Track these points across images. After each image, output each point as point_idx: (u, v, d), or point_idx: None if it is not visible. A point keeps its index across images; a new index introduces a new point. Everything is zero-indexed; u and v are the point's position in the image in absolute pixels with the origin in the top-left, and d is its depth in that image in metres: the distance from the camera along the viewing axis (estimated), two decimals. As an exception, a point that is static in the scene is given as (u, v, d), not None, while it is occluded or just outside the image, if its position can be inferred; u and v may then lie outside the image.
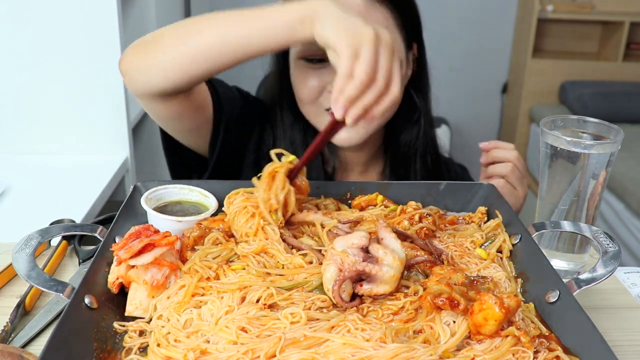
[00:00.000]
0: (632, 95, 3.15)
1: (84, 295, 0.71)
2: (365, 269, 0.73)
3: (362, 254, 0.75)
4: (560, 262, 0.97)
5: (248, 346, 0.66)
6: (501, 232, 0.92)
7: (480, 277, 0.81)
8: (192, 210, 0.94)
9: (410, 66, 1.22)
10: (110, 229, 0.84)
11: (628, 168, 2.50)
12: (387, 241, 0.77)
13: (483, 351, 0.67)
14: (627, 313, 0.84)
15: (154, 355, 0.67)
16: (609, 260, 0.78)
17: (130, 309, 0.73)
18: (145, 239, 0.77)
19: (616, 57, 3.32)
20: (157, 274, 0.76)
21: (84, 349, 0.67)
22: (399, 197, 1.01)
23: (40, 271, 0.72)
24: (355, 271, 0.73)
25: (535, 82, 3.36)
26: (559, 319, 0.72)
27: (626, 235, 2.35)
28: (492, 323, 0.69)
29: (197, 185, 0.97)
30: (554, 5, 3.23)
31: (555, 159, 0.94)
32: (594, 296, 0.86)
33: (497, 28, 3.52)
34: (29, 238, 0.77)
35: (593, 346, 0.66)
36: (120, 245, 0.78)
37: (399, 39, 1.12)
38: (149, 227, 0.82)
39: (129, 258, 0.75)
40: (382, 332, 0.68)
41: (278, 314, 0.70)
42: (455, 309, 0.71)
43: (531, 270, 0.82)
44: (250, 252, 0.82)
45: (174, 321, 0.70)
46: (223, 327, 0.68)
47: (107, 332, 0.71)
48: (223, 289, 0.74)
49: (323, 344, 0.67)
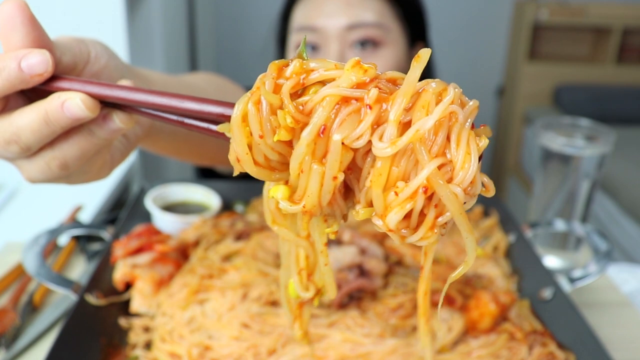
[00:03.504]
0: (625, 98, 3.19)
1: (91, 292, 0.73)
2: (362, 285, 0.75)
3: (356, 270, 0.76)
4: (554, 260, 0.99)
5: (250, 342, 0.67)
6: (497, 231, 0.93)
7: (476, 275, 0.83)
8: (196, 210, 0.96)
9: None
10: (116, 229, 0.86)
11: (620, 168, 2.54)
12: (371, 250, 0.80)
13: (479, 346, 0.69)
14: (619, 309, 0.86)
15: (158, 350, 0.68)
16: (601, 259, 0.80)
17: (136, 306, 0.75)
18: (143, 239, 0.79)
19: (609, 61, 3.35)
20: (162, 271, 0.77)
21: (91, 345, 0.68)
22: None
23: (48, 269, 0.74)
24: (354, 289, 0.75)
25: (530, 85, 3.39)
26: (552, 316, 0.74)
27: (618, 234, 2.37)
28: (488, 319, 0.71)
29: (200, 185, 0.99)
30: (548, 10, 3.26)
31: (549, 160, 0.96)
32: (586, 293, 0.88)
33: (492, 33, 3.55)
34: (38, 237, 0.79)
35: (585, 341, 0.67)
36: (120, 243, 0.80)
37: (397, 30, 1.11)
38: (151, 228, 0.84)
39: (125, 256, 0.77)
40: (381, 328, 0.69)
41: (279, 311, 0.72)
42: (452, 305, 0.73)
43: (526, 268, 0.84)
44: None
45: (178, 318, 0.71)
46: (226, 323, 0.70)
47: (113, 328, 0.72)
48: (225, 287, 0.75)
49: (323, 339, 0.68)
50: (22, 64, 0.45)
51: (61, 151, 0.49)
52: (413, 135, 0.36)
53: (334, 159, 0.37)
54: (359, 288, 0.75)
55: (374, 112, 0.37)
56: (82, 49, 0.51)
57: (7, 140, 0.47)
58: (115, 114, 0.49)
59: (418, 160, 0.37)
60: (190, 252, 0.84)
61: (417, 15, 1.17)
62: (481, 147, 0.37)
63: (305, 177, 0.39)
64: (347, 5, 1.05)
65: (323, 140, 0.37)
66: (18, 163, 0.51)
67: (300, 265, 0.48)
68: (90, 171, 0.54)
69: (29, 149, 0.48)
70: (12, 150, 0.48)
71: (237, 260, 0.81)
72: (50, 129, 0.46)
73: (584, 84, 3.34)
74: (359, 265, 0.77)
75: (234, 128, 0.40)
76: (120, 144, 0.58)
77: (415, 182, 0.36)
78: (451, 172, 0.37)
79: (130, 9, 1.58)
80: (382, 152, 0.36)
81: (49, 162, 0.49)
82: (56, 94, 0.46)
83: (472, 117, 0.37)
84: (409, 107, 0.37)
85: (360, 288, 0.75)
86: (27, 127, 0.46)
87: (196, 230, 0.87)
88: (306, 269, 0.48)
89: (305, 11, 1.08)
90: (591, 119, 1.04)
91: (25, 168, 0.51)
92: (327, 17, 1.04)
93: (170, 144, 0.75)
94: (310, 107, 0.38)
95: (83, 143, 0.49)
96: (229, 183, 1.02)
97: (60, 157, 0.49)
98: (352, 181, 0.40)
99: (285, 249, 0.49)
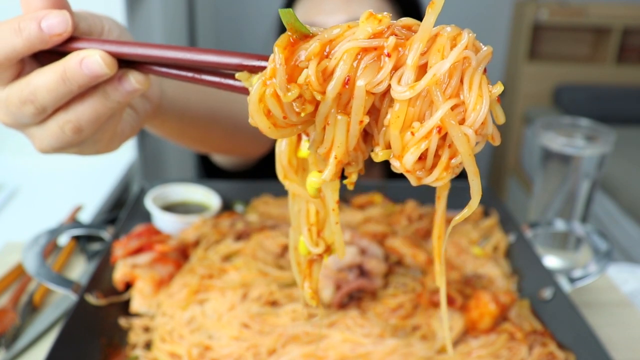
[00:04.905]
0: (625, 98, 3.19)
1: (91, 292, 0.73)
2: (362, 286, 0.75)
3: (356, 270, 0.76)
4: (554, 260, 0.99)
5: (250, 342, 0.67)
6: (497, 231, 0.93)
7: (476, 274, 0.83)
8: (196, 209, 0.96)
9: None
10: (116, 229, 0.86)
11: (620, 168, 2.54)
12: (371, 250, 0.80)
13: (479, 346, 0.69)
14: (618, 309, 0.86)
15: (158, 350, 0.68)
16: (601, 258, 0.80)
17: (136, 306, 0.75)
18: (143, 239, 0.79)
19: (609, 61, 3.35)
20: (162, 271, 0.77)
21: (91, 345, 0.68)
22: (398, 196, 1.03)
23: (48, 269, 0.74)
24: (354, 289, 0.75)
25: (530, 85, 3.39)
26: (552, 315, 0.74)
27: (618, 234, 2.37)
28: (488, 319, 0.71)
29: (200, 185, 0.99)
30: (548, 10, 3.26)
31: (549, 160, 0.96)
32: (586, 293, 0.88)
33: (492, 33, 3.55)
34: (38, 237, 0.79)
35: (585, 341, 0.67)
36: (120, 243, 0.80)
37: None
38: (151, 227, 0.84)
39: (125, 256, 0.77)
40: (381, 328, 0.69)
41: (279, 311, 0.72)
42: (452, 305, 0.73)
43: (526, 268, 0.84)
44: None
45: (178, 318, 0.72)
46: (226, 323, 0.70)
47: (113, 328, 0.72)
48: (225, 287, 0.75)
49: (323, 339, 0.68)
50: (42, 24, 0.46)
51: (75, 114, 0.49)
52: (430, 79, 0.37)
53: (359, 104, 0.39)
54: (359, 288, 0.75)
55: (392, 58, 0.38)
56: (96, 21, 0.52)
57: (23, 100, 0.47)
58: (132, 73, 0.49)
59: (433, 101, 0.38)
60: (190, 252, 0.84)
61: (413, 13, 1.18)
62: (494, 93, 0.38)
63: (331, 129, 0.40)
64: (346, 3, 1.05)
65: (347, 90, 0.39)
66: (31, 131, 0.51)
67: (310, 221, 0.48)
68: (101, 140, 0.54)
69: (44, 110, 0.48)
70: (27, 111, 0.48)
71: (237, 260, 0.81)
72: (67, 88, 0.47)
73: (584, 84, 3.34)
74: (359, 265, 0.77)
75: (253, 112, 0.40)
76: (129, 117, 0.59)
77: (430, 122, 0.38)
78: (464, 114, 0.38)
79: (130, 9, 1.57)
80: (401, 96, 0.37)
81: (63, 125, 0.49)
82: (74, 52, 0.47)
83: (485, 62, 0.39)
84: (424, 52, 0.38)
85: (360, 288, 0.75)
86: (44, 86, 0.47)
87: (196, 230, 0.87)
88: (316, 225, 0.48)
89: (305, 9, 1.09)
90: (591, 119, 1.04)
91: (37, 136, 0.51)
92: (326, 15, 1.05)
93: (176, 125, 0.74)
94: (332, 67, 0.39)
95: (98, 105, 0.49)
96: (229, 183, 1.02)
97: (75, 120, 0.49)
98: (371, 124, 0.41)
99: (295, 209, 0.49)
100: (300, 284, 0.52)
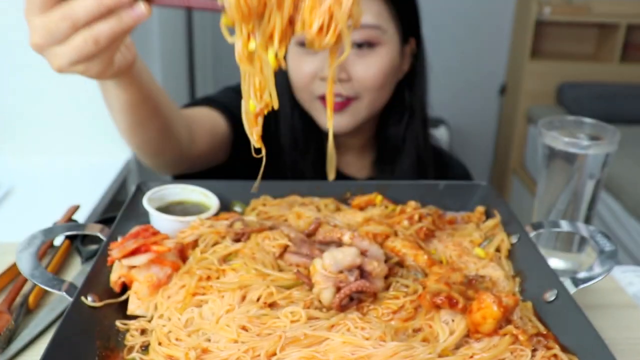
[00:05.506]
0: (629, 97, 3.17)
1: (87, 293, 0.72)
2: (363, 288, 0.74)
3: (356, 271, 0.75)
4: (558, 262, 0.98)
5: (249, 344, 0.66)
6: (499, 231, 0.92)
7: (478, 276, 0.81)
8: (193, 210, 0.95)
9: (407, 61, 1.22)
10: (112, 229, 0.85)
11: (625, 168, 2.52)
12: (372, 252, 0.79)
13: (481, 349, 0.68)
14: (624, 312, 0.85)
15: (155, 353, 0.67)
16: (605, 260, 0.79)
17: (132, 308, 0.74)
18: (140, 240, 0.78)
19: (613, 59, 3.34)
20: (159, 273, 0.76)
21: (86, 347, 0.67)
22: (398, 197, 1.02)
23: (43, 270, 0.73)
24: (354, 290, 0.74)
25: (533, 83, 3.37)
26: (556, 318, 0.73)
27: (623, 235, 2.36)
28: (490, 321, 0.69)
29: (198, 185, 0.98)
30: (551, 7, 3.24)
31: (553, 159, 0.95)
32: (591, 295, 0.87)
33: (495, 30, 3.54)
34: (33, 237, 0.78)
35: (590, 344, 0.66)
36: (117, 244, 0.79)
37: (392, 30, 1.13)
38: (148, 228, 0.83)
39: (121, 257, 0.76)
40: (382, 330, 0.68)
41: (278, 313, 0.71)
42: (454, 307, 0.71)
43: (529, 269, 0.83)
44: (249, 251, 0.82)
45: (175, 320, 0.71)
46: (224, 325, 0.69)
47: (109, 330, 0.71)
48: (223, 288, 0.74)
49: (323, 342, 0.67)
50: None
51: (98, 29, 0.65)
52: None
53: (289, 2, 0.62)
54: (359, 289, 0.74)
55: None
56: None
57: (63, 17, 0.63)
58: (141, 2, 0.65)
59: None
60: (188, 253, 0.83)
61: (411, 13, 1.18)
62: None
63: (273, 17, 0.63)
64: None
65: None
66: (54, 49, 0.66)
67: (256, 87, 0.70)
68: (104, 61, 0.70)
69: (75, 26, 0.64)
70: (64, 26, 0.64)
71: (236, 262, 0.80)
72: (98, 9, 0.63)
73: (588, 82, 3.32)
74: (359, 266, 0.76)
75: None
76: (121, 55, 0.77)
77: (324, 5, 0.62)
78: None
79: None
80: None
81: (87, 37, 0.65)
82: None
83: None
84: None
85: (361, 289, 0.74)
86: (82, 7, 0.63)
87: (194, 231, 0.86)
88: (259, 90, 0.70)
89: None
90: (595, 117, 1.03)
91: (59, 53, 0.66)
92: None
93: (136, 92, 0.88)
94: None
95: (113, 24, 0.65)
96: (228, 183, 1.01)
97: (96, 34, 0.65)
98: (295, 17, 0.64)
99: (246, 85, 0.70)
100: (249, 133, 0.72)
